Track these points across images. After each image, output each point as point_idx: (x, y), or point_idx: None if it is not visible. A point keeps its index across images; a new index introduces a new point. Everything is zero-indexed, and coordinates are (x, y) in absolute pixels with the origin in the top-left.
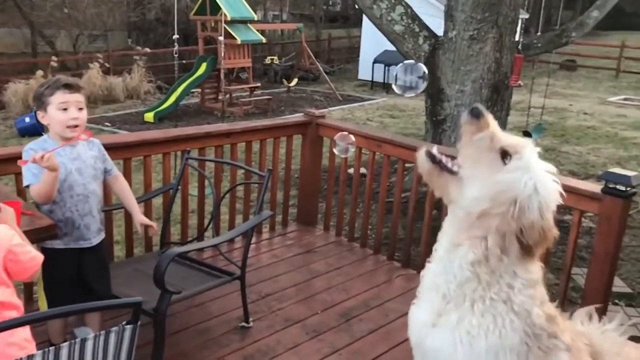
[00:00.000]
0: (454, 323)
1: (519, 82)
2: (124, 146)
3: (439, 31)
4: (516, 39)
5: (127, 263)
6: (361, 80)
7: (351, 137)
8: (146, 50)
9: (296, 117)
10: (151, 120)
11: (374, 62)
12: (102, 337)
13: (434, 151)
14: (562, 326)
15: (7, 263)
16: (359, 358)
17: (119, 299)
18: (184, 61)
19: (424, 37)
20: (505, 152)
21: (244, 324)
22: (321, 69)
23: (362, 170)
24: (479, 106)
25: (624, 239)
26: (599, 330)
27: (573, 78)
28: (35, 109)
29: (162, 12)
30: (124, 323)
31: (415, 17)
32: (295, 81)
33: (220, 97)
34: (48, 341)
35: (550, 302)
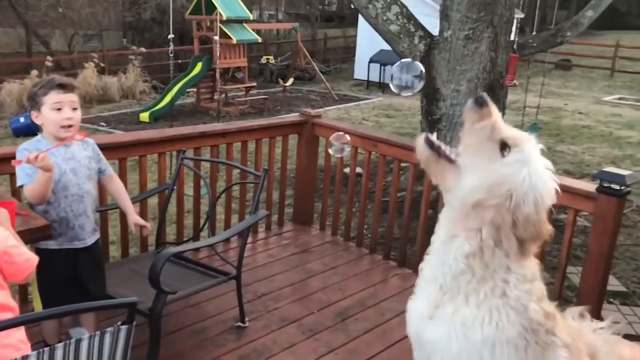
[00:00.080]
0: (450, 314)
1: (514, 81)
2: (120, 146)
3: (435, 31)
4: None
5: (122, 263)
6: (357, 80)
7: (346, 136)
8: (141, 50)
9: (292, 116)
10: (146, 120)
11: (370, 62)
12: (97, 338)
13: (433, 138)
14: (560, 324)
15: (2, 265)
16: (355, 357)
17: (114, 299)
18: (179, 61)
19: (419, 36)
20: (504, 143)
21: (239, 323)
22: (317, 69)
23: (358, 169)
24: (484, 95)
25: (618, 237)
26: (591, 328)
27: (568, 77)
28: (29, 109)
29: (157, 12)
30: (119, 323)
31: (410, 17)
32: (291, 81)
33: (215, 97)
34: (43, 342)
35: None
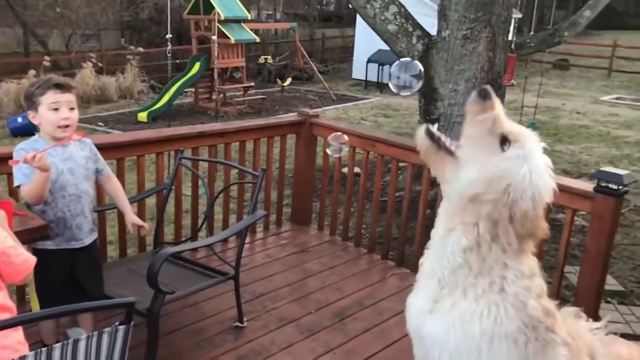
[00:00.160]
0: (448, 309)
1: (512, 81)
2: (117, 146)
3: (433, 31)
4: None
5: (120, 263)
6: (355, 80)
7: (344, 137)
8: (139, 50)
9: (290, 116)
10: (144, 120)
11: (368, 62)
12: (94, 338)
13: (434, 129)
14: (560, 322)
15: (0, 265)
16: (353, 357)
17: (112, 299)
18: (177, 61)
19: (417, 36)
20: (505, 138)
21: (238, 323)
22: (315, 69)
23: (356, 169)
24: (488, 88)
25: (616, 237)
26: (587, 328)
27: (566, 77)
28: (26, 108)
29: (155, 12)
30: (117, 323)
31: (408, 17)
32: (289, 81)
33: (213, 97)
34: (40, 342)
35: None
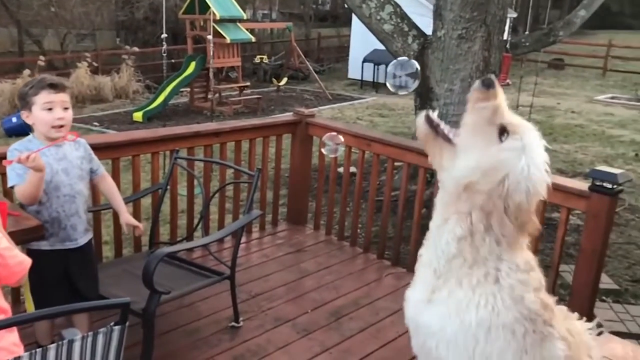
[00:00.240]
0: (445, 298)
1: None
2: (113, 146)
3: (428, 30)
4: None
5: (115, 263)
6: (351, 80)
7: (340, 137)
8: (135, 50)
9: (286, 116)
10: (140, 120)
11: (364, 61)
12: (89, 338)
13: (434, 116)
14: (558, 317)
15: None
16: (349, 356)
17: (107, 299)
18: (172, 60)
19: (413, 36)
20: (504, 128)
21: (234, 323)
22: (311, 68)
23: (352, 169)
24: (492, 77)
25: (610, 236)
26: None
27: (561, 77)
28: (20, 108)
29: (150, 11)
30: (112, 324)
31: (404, 16)
32: (284, 80)
33: (209, 97)
34: (35, 343)
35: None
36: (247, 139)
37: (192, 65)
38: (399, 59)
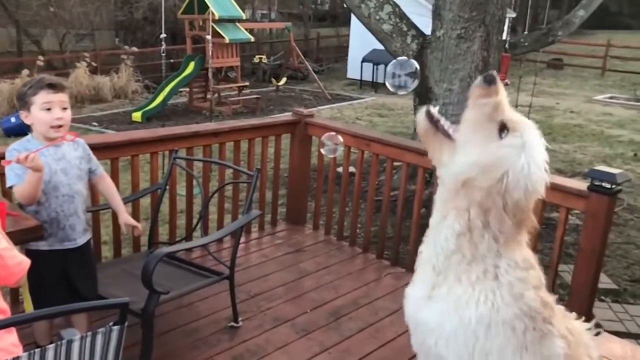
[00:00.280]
0: (445, 294)
1: (506, 80)
2: (112, 146)
3: (427, 30)
4: (503, 38)
5: (114, 263)
6: (350, 79)
7: (339, 137)
8: (134, 50)
9: (285, 116)
10: (139, 120)
11: (363, 61)
12: (88, 339)
13: (434, 111)
14: (558, 315)
15: None
16: (349, 356)
17: (106, 299)
18: (171, 60)
19: (412, 36)
20: (504, 125)
21: (233, 323)
22: (310, 68)
23: (351, 169)
24: (494, 73)
25: (609, 235)
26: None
27: (560, 77)
28: (19, 108)
29: (149, 11)
30: (111, 324)
31: (403, 16)
32: (283, 80)
33: (208, 97)
34: (34, 343)
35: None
36: (246, 139)
37: (191, 65)
38: (399, 58)
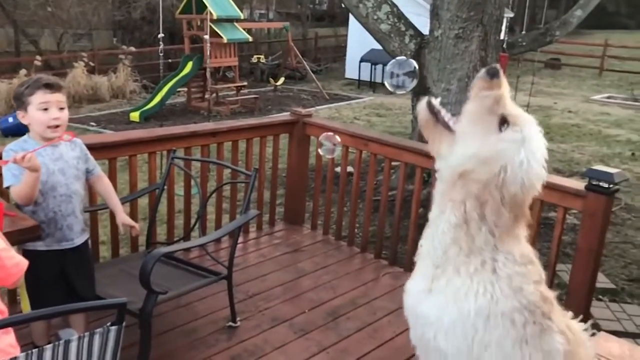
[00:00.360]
0: (444, 287)
1: None
2: (109, 146)
3: (425, 30)
4: (501, 37)
5: (112, 263)
6: (348, 79)
7: (337, 137)
8: (131, 49)
9: (283, 116)
10: (137, 120)
11: (361, 61)
12: (86, 339)
13: (435, 102)
14: (557, 311)
15: None
16: (347, 356)
17: (104, 299)
18: (169, 60)
19: (410, 35)
20: (504, 119)
21: (231, 323)
22: (308, 68)
23: (349, 168)
24: (497, 66)
25: (607, 235)
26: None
27: (557, 76)
28: (16, 108)
29: (147, 11)
30: (108, 324)
31: (401, 16)
32: (282, 80)
33: (206, 96)
34: (32, 343)
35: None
36: (244, 138)
37: (189, 65)
38: (398, 58)
